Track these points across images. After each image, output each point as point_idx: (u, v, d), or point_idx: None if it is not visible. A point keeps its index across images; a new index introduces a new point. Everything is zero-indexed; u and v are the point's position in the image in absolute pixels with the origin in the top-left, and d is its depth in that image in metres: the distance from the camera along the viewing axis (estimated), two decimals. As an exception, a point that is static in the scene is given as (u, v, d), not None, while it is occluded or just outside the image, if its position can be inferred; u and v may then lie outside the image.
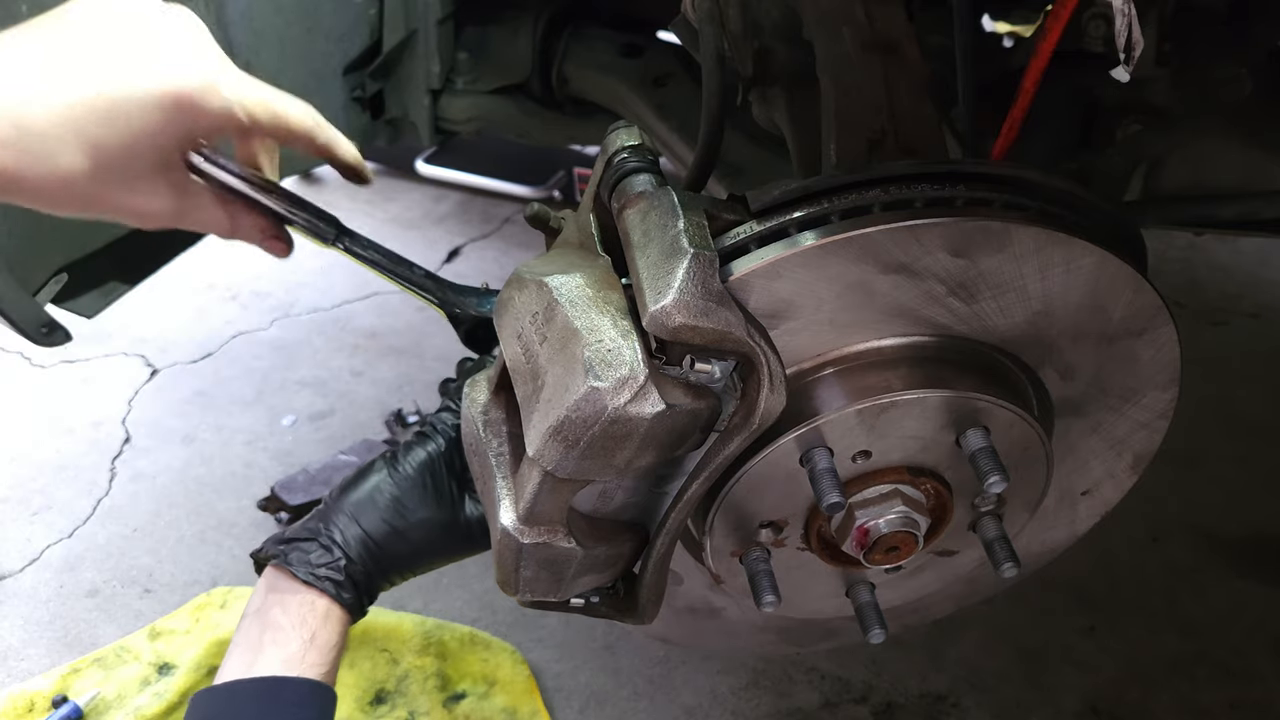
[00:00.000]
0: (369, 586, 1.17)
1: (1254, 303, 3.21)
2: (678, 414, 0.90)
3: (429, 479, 1.18)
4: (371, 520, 1.16)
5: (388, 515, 1.16)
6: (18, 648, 2.28)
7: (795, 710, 2.14)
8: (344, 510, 1.17)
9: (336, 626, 1.13)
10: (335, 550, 1.14)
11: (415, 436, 1.21)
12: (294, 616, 1.11)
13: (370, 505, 1.16)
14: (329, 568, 1.13)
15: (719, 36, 1.34)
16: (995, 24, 1.82)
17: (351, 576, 1.14)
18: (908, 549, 1.06)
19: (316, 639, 1.10)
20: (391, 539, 1.16)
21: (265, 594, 1.13)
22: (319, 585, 1.12)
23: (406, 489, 1.17)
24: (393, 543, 1.16)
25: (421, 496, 1.17)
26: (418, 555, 1.18)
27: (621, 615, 1.11)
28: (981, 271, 0.99)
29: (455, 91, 2.07)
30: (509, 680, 2.17)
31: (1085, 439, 1.17)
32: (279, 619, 1.11)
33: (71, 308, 1.73)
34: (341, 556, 1.14)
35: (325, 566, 1.13)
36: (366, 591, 1.17)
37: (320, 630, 1.11)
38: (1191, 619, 2.30)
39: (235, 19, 1.68)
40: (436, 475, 1.18)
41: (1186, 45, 1.40)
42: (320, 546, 1.14)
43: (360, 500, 1.17)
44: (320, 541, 1.14)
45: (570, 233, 1.08)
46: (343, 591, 1.13)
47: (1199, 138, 1.50)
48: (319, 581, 1.12)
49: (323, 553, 1.14)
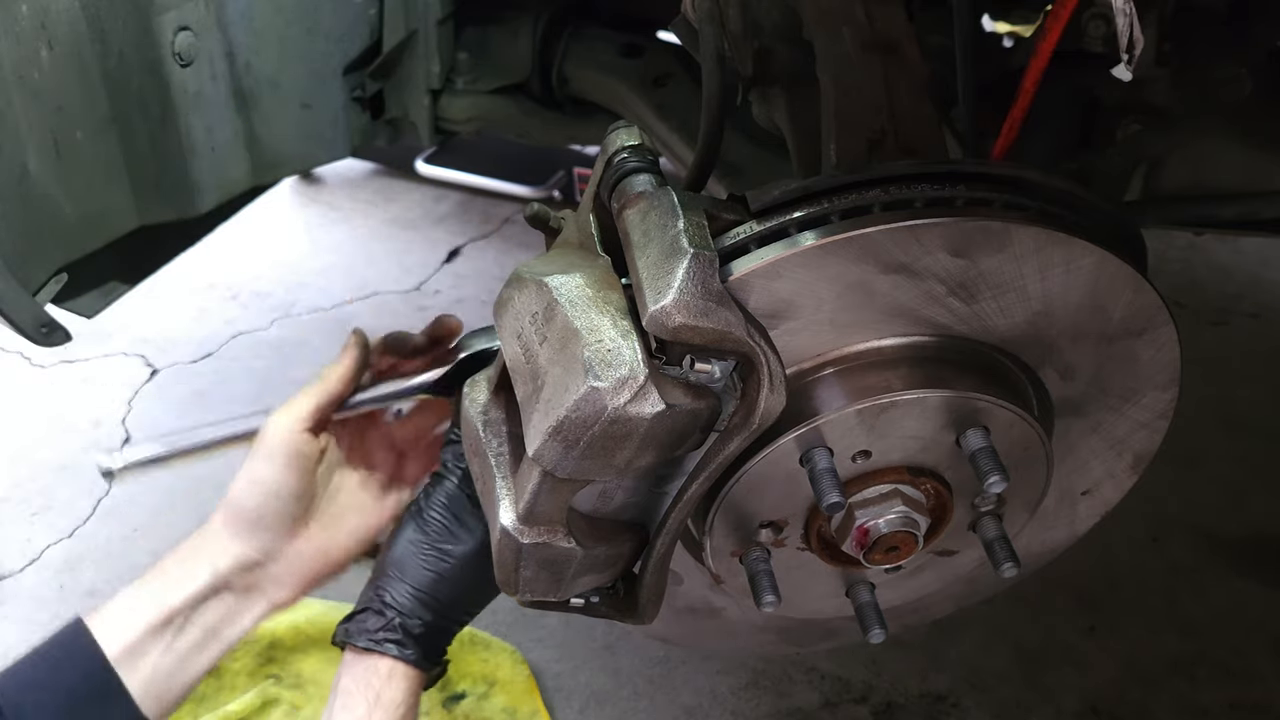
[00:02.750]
0: (434, 638, 1.21)
1: (1254, 303, 3.21)
2: (678, 414, 0.90)
3: (454, 516, 1.20)
4: (414, 573, 1.19)
5: (427, 563, 1.19)
6: (18, 648, 2.27)
7: (795, 710, 2.14)
8: (387, 572, 1.20)
9: (402, 684, 1.18)
10: (388, 613, 1.18)
11: (431, 479, 1.24)
12: (359, 681, 1.17)
13: (409, 558, 1.20)
14: (385, 630, 1.18)
15: (719, 36, 1.34)
16: (995, 24, 1.82)
17: (409, 632, 1.18)
18: (908, 549, 1.06)
19: (381, 699, 1.16)
20: (439, 584, 1.19)
21: (340, 671, 1.20)
22: (379, 649, 1.17)
23: (437, 532, 1.20)
24: (440, 588, 1.19)
25: (452, 535, 1.19)
26: (469, 590, 1.21)
27: (621, 615, 1.11)
28: (981, 271, 0.99)
29: (455, 91, 2.06)
30: (509, 680, 2.17)
31: (1085, 439, 1.17)
32: (347, 686, 1.18)
33: (71, 308, 1.73)
34: (395, 616, 1.18)
35: (382, 630, 1.18)
36: (432, 644, 1.21)
37: (385, 690, 1.17)
38: (1191, 619, 2.30)
39: (235, 19, 1.68)
40: (461, 510, 1.20)
41: (1186, 45, 1.40)
42: (373, 613, 1.19)
43: (399, 557, 1.20)
44: (373, 609, 1.19)
45: (570, 233, 1.08)
46: (404, 649, 1.17)
47: (1199, 138, 1.50)
48: (379, 645, 1.17)
49: (377, 618, 1.18)
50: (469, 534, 1.19)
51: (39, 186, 1.51)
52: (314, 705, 2.16)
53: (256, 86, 1.76)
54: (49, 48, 1.47)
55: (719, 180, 1.68)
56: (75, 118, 1.54)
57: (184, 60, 1.62)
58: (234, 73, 1.72)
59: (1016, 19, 1.79)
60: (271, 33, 1.75)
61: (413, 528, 1.21)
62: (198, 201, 1.73)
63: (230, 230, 2.02)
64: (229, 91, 1.72)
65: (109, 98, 1.57)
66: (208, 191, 1.74)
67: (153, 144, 1.65)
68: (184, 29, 1.60)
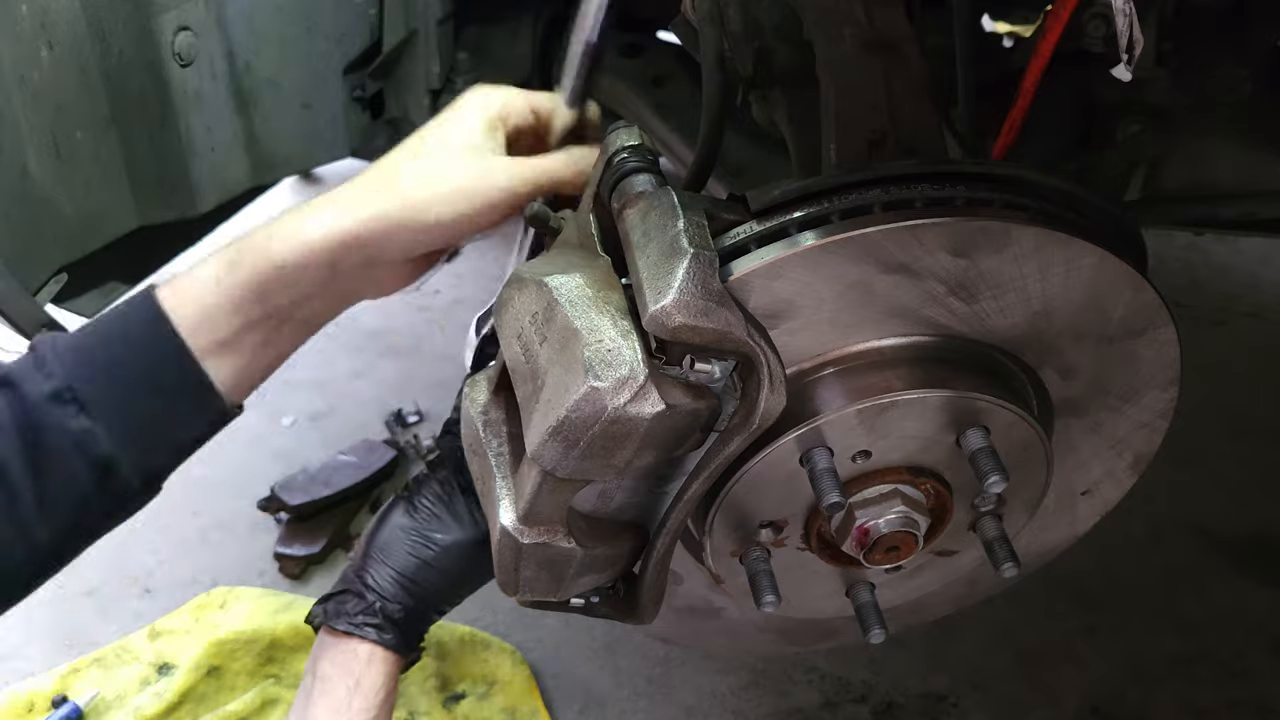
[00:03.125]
0: (413, 624, 1.19)
1: (1254, 303, 3.21)
2: (678, 414, 0.90)
3: (445, 505, 1.20)
4: (399, 558, 1.18)
5: (413, 549, 1.18)
6: (18, 648, 2.28)
7: (795, 710, 2.14)
8: (372, 555, 1.19)
9: (381, 668, 1.16)
10: (369, 595, 1.17)
11: (425, 466, 1.23)
12: (339, 666, 1.15)
13: (395, 543, 1.19)
14: (365, 614, 1.16)
15: (719, 37, 1.34)
16: (995, 24, 1.82)
17: (390, 617, 1.17)
18: (908, 549, 1.06)
19: (361, 684, 1.15)
20: (423, 571, 1.18)
21: (316, 652, 1.18)
22: (359, 633, 1.16)
23: (426, 519, 1.19)
24: (425, 574, 1.18)
25: (441, 523, 1.19)
26: (452, 580, 1.20)
27: (621, 615, 1.11)
28: (982, 271, 0.99)
29: (455, 91, 2.06)
30: (509, 680, 2.17)
31: (1085, 439, 1.17)
32: (326, 670, 1.16)
33: (71, 308, 1.73)
34: (376, 600, 1.17)
35: (362, 614, 1.16)
36: (411, 630, 1.19)
37: (365, 675, 1.15)
38: (1191, 619, 2.30)
39: (235, 19, 1.68)
40: (452, 500, 1.20)
41: (1186, 45, 1.40)
42: (354, 596, 1.17)
43: (385, 541, 1.19)
44: (353, 590, 1.18)
45: (570, 233, 1.08)
46: (383, 634, 1.16)
47: (1199, 138, 1.50)
48: (359, 629, 1.16)
49: (358, 601, 1.17)
50: (458, 523, 1.18)
51: (39, 186, 1.51)
52: (314, 705, 2.16)
53: (256, 86, 1.76)
54: (49, 48, 1.47)
55: (719, 180, 1.68)
56: (75, 118, 1.54)
57: (184, 60, 1.62)
58: (234, 73, 1.72)
59: (1016, 19, 1.79)
60: (271, 33, 1.75)
61: (401, 512, 1.20)
62: (197, 201, 1.73)
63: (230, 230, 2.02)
64: (229, 91, 1.72)
65: (109, 98, 1.57)
66: (207, 191, 1.74)
67: (152, 144, 1.65)
68: (184, 29, 1.60)
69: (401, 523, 1.20)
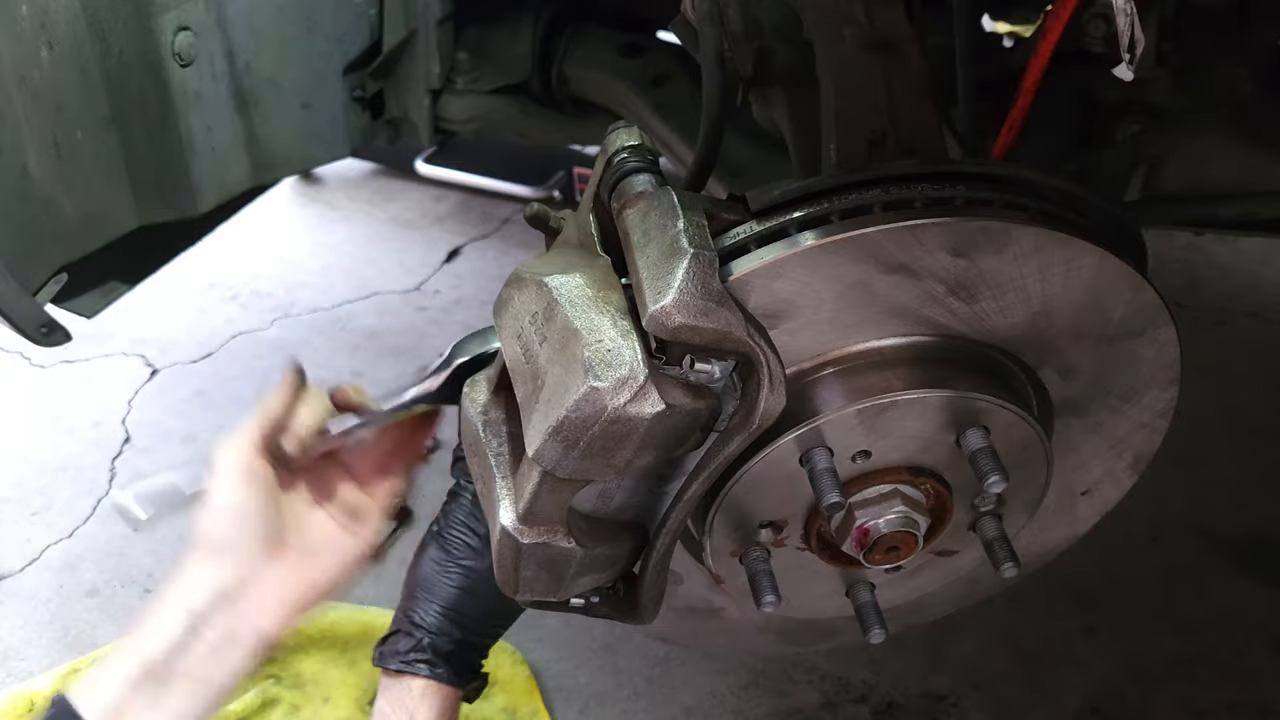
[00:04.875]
0: (464, 655, 1.22)
1: (1254, 303, 3.21)
2: (677, 414, 0.90)
3: (474, 532, 1.21)
4: (440, 591, 1.21)
5: (452, 580, 1.21)
6: (18, 648, 2.28)
7: (795, 710, 2.14)
8: (415, 594, 1.22)
9: (436, 702, 1.20)
10: (417, 633, 1.20)
11: (447, 497, 1.25)
12: (394, 704, 1.20)
13: (433, 578, 1.21)
14: (415, 650, 1.19)
15: (719, 36, 1.34)
16: (995, 24, 1.82)
17: (439, 651, 1.19)
18: (908, 549, 1.06)
19: (416, 718, 1.18)
20: (464, 600, 1.20)
21: (378, 694, 1.21)
22: (411, 670, 1.19)
23: (458, 549, 1.21)
24: (466, 604, 1.20)
25: (473, 549, 1.21)
26: (495, 605, 1.21)
27: (621, 615, 1.11)
28: (982, 272, 0.99)
29: (455, 91, 2.07)
30: (509, 680, 2.17)
31: (1085, 439, 1.17)
32: (383, 708, 1.20)
33: (71, 308, 1.74)
34: (424, 636, 1.20)
35: (412, 651, 1.20)
36: (463, 661, 1.22)
37: (418, 710, 1.19)
38: (1191, 619, 2.30)
39: (235, 19, 1.68)
40: (479, 526, 1.21)
41: (1186, 45, 1.40)
42: (403, 635, 1.21)
43: (423, 578, 1.22)
44: (403, 630, 1.21)
45: (570, 233, 1.08)
46: (435, 669, 1.19)
47: (1199, 138, 1.50)
48: (410, 666, 1.19)
49: (406, 640, 1.20)
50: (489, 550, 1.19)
51: (39, 186, 1.51)
52: (314, 705, 2.16)
53: (256, 86, 1.76)
54: (49, 48, 1.47)
55: (719, 180, 1.68)
56: (75, 118, 1.54)
57: (184, 60, 1.62)
58: (234, 73, 1.72)
59: (1016, 19, 1.79)
60: (271, 33, 1.75)
61: (434, 547, 1.23)
62: (198, 201, 1.74)
63: (230, 230, 2.02)
64: (229, 91, 1.73)
65: (109, 98, 1.57)
66: (207, 191, 1.74)
67: (152, 144, 1.65)
68: (184, 29, 1.61)
69: (436, 556, 1.22)
